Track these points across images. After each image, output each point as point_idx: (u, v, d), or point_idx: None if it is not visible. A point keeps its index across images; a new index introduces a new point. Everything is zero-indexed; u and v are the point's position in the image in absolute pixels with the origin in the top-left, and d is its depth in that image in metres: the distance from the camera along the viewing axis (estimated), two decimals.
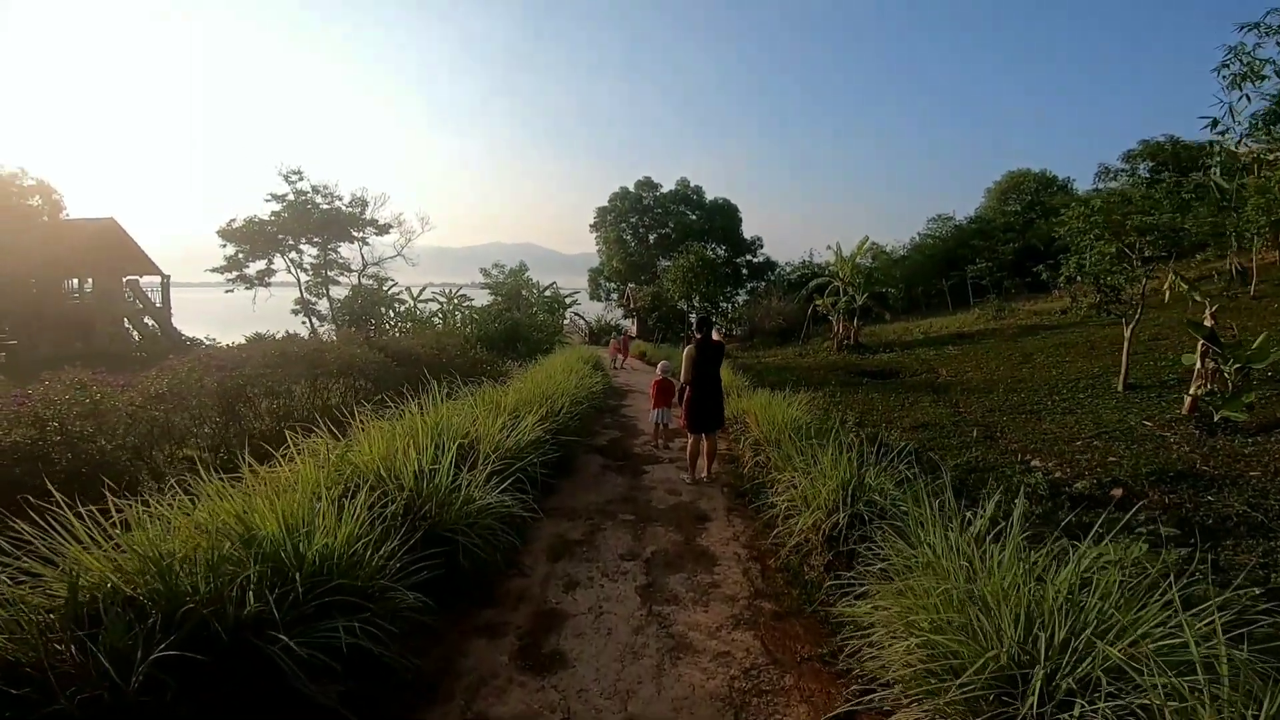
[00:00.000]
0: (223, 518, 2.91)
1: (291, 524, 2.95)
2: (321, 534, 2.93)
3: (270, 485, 3.37)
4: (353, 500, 3.26)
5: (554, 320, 33.40)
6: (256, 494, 3.11)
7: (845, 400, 11.88)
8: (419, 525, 3.61)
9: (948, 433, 9.12)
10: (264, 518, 2.93)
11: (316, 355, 8.03)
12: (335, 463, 3.89)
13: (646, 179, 47.72)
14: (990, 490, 6.12)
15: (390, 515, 3.43)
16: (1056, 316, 21.67)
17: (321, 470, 3.67)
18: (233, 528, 2.86)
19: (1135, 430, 8.47)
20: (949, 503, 3.67)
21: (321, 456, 4.01)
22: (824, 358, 20.73)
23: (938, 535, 3.43)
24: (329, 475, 3.70)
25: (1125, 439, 8.12)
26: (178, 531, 2.85)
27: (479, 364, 12.90)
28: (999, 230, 36.39)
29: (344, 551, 2.95)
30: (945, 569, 3.11)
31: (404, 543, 3.32)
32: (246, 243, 32.44)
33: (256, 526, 2.88)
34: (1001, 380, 13.35)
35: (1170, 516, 5.28)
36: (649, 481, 6.83)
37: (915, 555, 3.45)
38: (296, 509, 3.05)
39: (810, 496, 4.55)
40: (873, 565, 3.70)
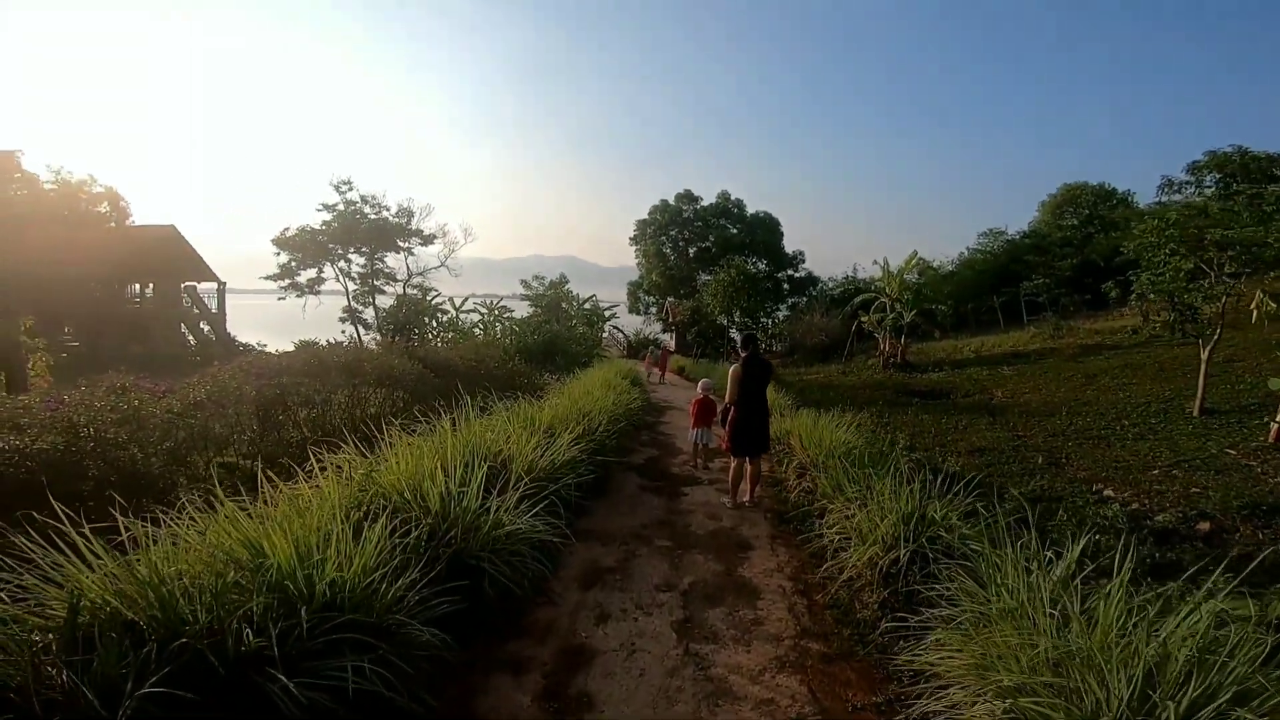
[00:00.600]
0: (229, 544, 2.72)
1: (304, 551, 2.74)
2: (334, 565, 2.71)
3: (291, 505, 3.19)
4: (373, 526, 3.04)
5: (593, 333, 33.37)
6: (271, 517, 2.90)
7: (894, 421, 11.34)
8: (441, 553, 3.37)
9: (1008, 458, 8.56)
10: (276, 544, 2.72)
11: (355, 364, 7.98)
12: (359, 482, 3.70)
13: (686, 192, 47.52)
14: (1061, 523, 5.66)
15: (413, 542, 3.21)
16: (1120, 336, 20.56)
17: (344, 490, 3.48)
18: (241, 554, 2.68)
19: (1218, 459, 7.79)
20: (1031, 542, 3.27)
21: (346, 475, 3.83)
22: (869, 376, 20.07)
23: (1018, 578, 3.04)
24: (351, 496, 3.51)
25: (1207, 468, 7.47)
26: (184, 554, 2.67)
27: (516, 376, 12.80)
28: (1055, 245, 34.94)
29: (358, 583, 2.73)
30: (1031, 618, 2.73)
31: (426, 572, 3.09)
32: (299, 251, 33.39)
33: (267, 553, 2.68)
34: (1064, 403, 12.61)
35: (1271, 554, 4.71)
36: (687, 504, 6.50)
37: (992, 600, 3.07)
38: (312, 534, 2.84)
39: (866, 530, 4.17)
40: (939, 608, 3.32)
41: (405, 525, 3.36)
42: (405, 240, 35.38)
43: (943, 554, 3.79)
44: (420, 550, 3.23)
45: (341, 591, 2.66)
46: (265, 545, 2.69)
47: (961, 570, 3.42)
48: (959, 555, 3.65)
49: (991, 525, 3.54)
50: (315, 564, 2.67)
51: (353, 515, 3.27)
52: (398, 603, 2.85)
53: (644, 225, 48.12)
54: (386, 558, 2.95)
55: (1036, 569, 3.14)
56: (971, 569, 3.41)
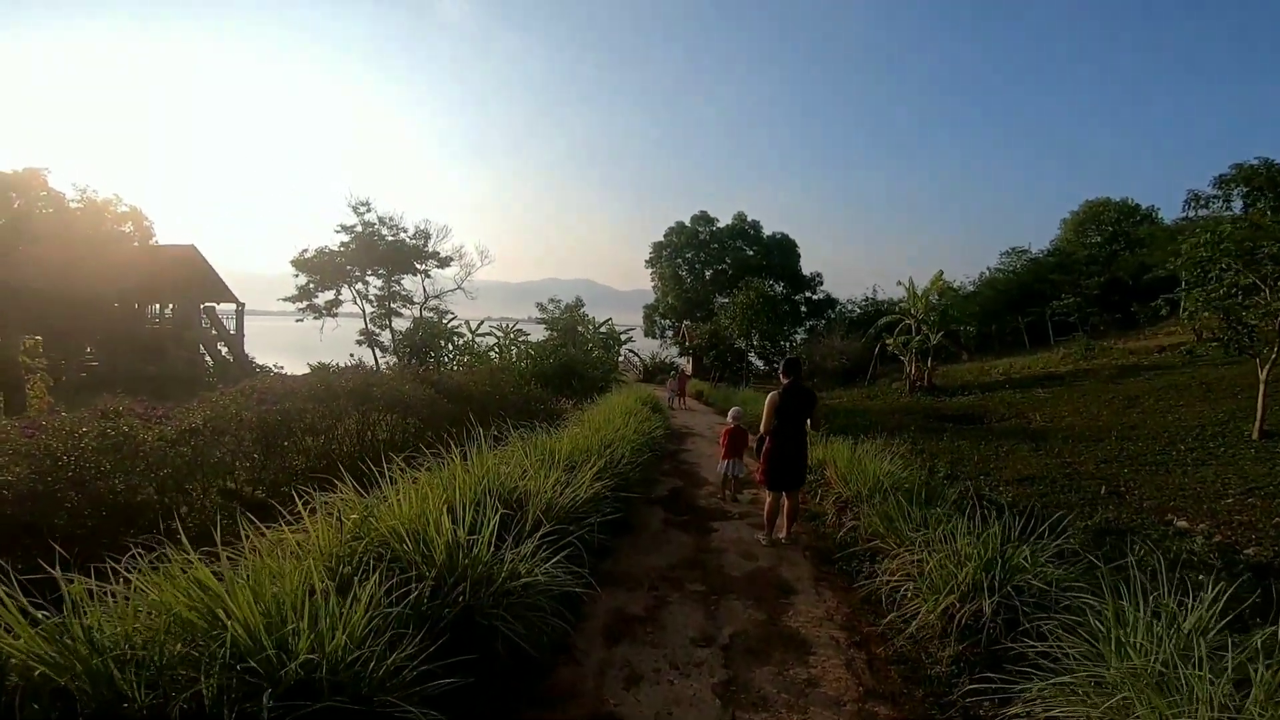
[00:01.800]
0: (180, 606, 2.25)
1: (276, 618, 2.27)
2: (308, 639, 2.23)
3: (271, 555, 2.74)
4: (365, 584, 2.56)
5: (609, 357, 32.96)
6: (236, 575, 2.42)
7: (929, 448, 10.73)
8: (446, 613, 2.88)
9: (1061, 487, 7.95)
10: (241, 608, 2.25)
11: (364, 390, 7.58)
12: (352, 528, 3.24)
13: (703, 213, 47.34)
14: (1139, 557, 5.09)
15: (414, 601, 2.73)
16: (1159, 356, 19.78)
17: (334, 538, 3.02)
18: (195, 620, 2.22)
19: None
20: (1160, 593, 2.75)
21: (336, 518, 3.36)
22: (895, 400, 19.42)
23: (1147, 634, 2.53)
24: (342, 545, 3.05)
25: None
26: (132, 614, 2.22)
27: (533, 402, 12.35)
28: (1081, 263, 34.17)
29: (341, 659, 2.25)
30: (1183, 683, 2.21)
31: (428, 633, 2.61)
32: (317, 273, 33.48)
33: (228, 618, 2.21)
34: (1109, 427, 11.93)
35: None
36: (719, 541, 5.96)
37: (1111, 658, 2.55)
38: (288, 596, 2.37)
39: (939, 577, 3.64)
40: (1039, 668, 2.79)
41: (406, 580, 2.88)
42: (422, 262, 35.42)
43: (1034, 604, 3.26)
44: (422, 611, 2.75)
45: (320, 668, 2.18)
46: (222, 611, 2.21)
47: (1063, 622, 2.91)
48: (1056, 605, 3.12)
49: (1101, 573, 3.03)
50: (288, 634, 2.20)
51: (342, 569, 2.81)
52: (393, 676, 2.36)
53: (660, 248, 47.92)
54: (380, 623, 2.47)
55: (1162, 622, 2.63)
56: (1077, 622, 2.90)
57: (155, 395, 8.76)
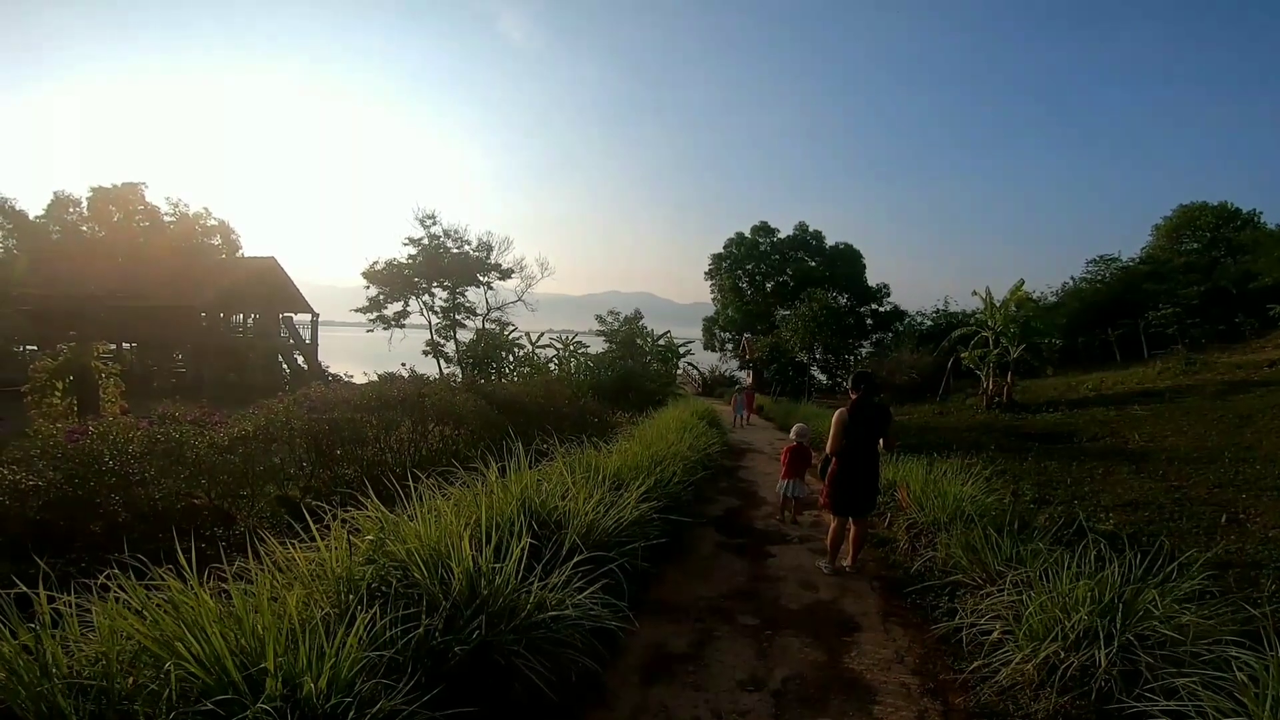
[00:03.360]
0: (138, 637, 2.02)
1: (253, 653, 2.02)
2: (280, 677, 1.97)
3: (265, 579, 2.52)
4: (366, 614, 2.29)
5: (668, 370, 32.62)
6: (202, 608, 2.16)
7: (1011, 469, 9.84)
8: (454, 650, 2.57)
9: (1171, 514, 7.06)
10: (213, 639, 2.01)
11: (415, 400, 7.51)
12: (365, 550, 2.99)
13: (763, 224, 46.48)
14: (1270, 591, 4.34)
15: (422, 635, 2.45)
16: (1268, 370, 17.89)
17: (344, 562, 2.77)
18: (157, 649, 1.99)
19: None
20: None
21: (358, 539, 3.13)
22: (970, 417, 18.20)
23: None
24: (354, 569, 2.80)
25: None
26: (103, 640, 2.02)
27: (587, 414, 12.13)
28: (1178, 272, 31.52)
29: (321, 701, 1.97)
30: None
31: (434, 673, 2.31)
32: (386, 285, 34.64)
33: (189, 650, 1.96)
34: (1220, 448, 10.69)
35: None
36: (776, 569, 5.48)
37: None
38: (272, 626, 2.12)
39: (1038, 622, 3.09)
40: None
41: (419, 611, 2.60)
42: (485, 274, 36.11)
43: (1162, 656, 2.71)
44: (432, 646, 2.46)
45: (289, 715, 1.91)
46: (180, 644, 1.96)
47: (1201, 678, 2.37)
48: (1190, 657, 2.57)
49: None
50: (265, 672, 1.95)
51: (347, 597, 2.56)
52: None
53: (719, 259, 47.32)
54: (375, 661, 2.18)
55: None
56: (1220, 677, 2.36)
57: (236, 402, 9.04)
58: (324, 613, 2.30)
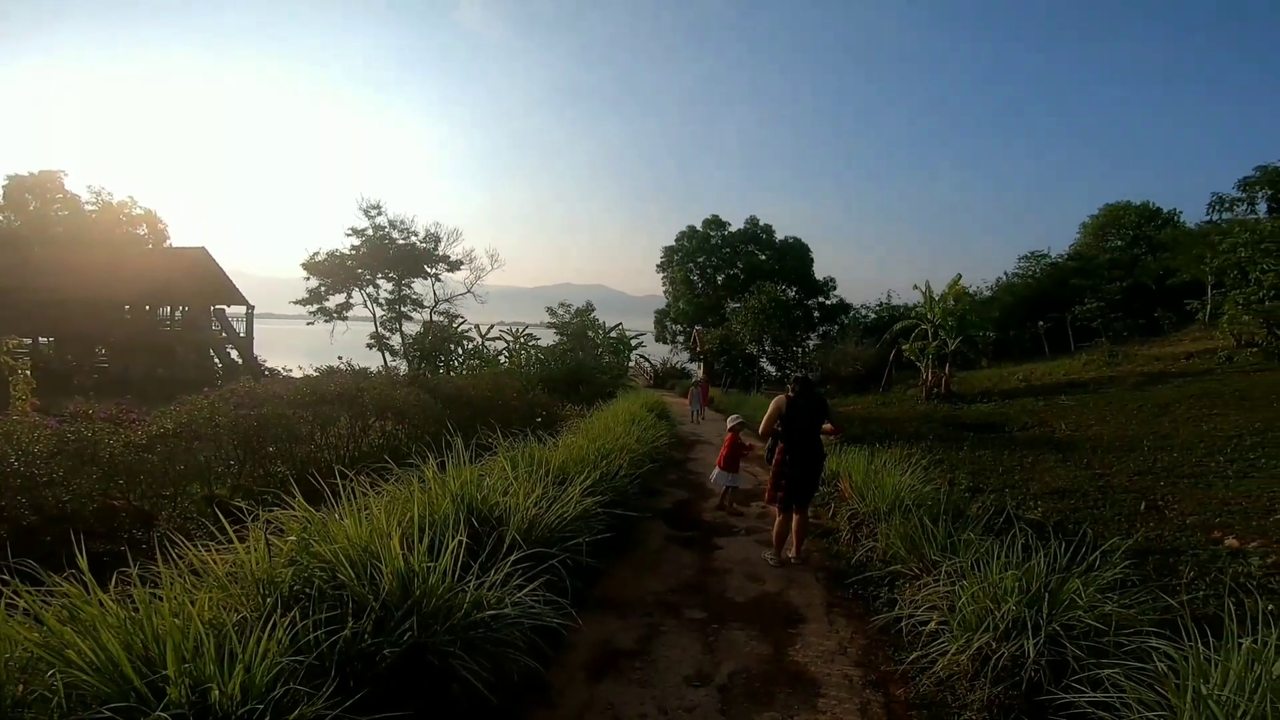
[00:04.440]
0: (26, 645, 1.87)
1: (153, 659, 1.89)
2: (183, 684, 1.84)
3: (176, 583, 2.35)
4: (288, 614, 2.17)
5: (619, 362, 32.58)
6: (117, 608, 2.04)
7: (948, 458, 10.20)
8: (384, 653, 2.46)
9: (1095, 501, 7.42)
10: (108, 646, 1.87)
11: (353, 394, 7.23)
12: (288, 550, 2.84)
13: (714, 218, 46.84)
14: (1188, 579, 4.59)
15: (350, 638, 2.33)
16: (1184, 362, 19.05)
17: (262, 564, 2.62)
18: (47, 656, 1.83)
19: None
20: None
21: (278, 539, 2.97)
22: (911, 407, 18.80)
23: (1235, 689, 2.08)
24: (273, 571, 2.65)
25: None
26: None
27: (536, 408, 11.96)
28: (1103, 268, 33.28)
29: (232, 708, 1.85)
30: None
31: (362, 677, 2.21)
32: (328, 276, 33.40)
33: (83, 660, 1.81)
34: (1140, 437, 11.32)
35: None
36: (723, 561, 5.51)
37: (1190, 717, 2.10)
38: (175, 631, 1.98)
39: (971, 612, 3.17)
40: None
41: (345, 613, 2.48)
42: (432, 266, 35.22)
43: (1085, 644, 2.81)
44: (362, 649, 2.35)
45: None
46: (74, 651, 1.81)
47: (1125, 665, 2.46)
48: (1114, 648, 2.67)
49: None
50: (168, 679, 1.81)
51: (266, 601, 2.42)
52: None
53: (671, 252, 47.48)
54: (292, 666, 2.07)
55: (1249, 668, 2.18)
56: (1142, 668, 2.45)
57: (165, 398, 8.55)
58: (240, 617, 2.18)
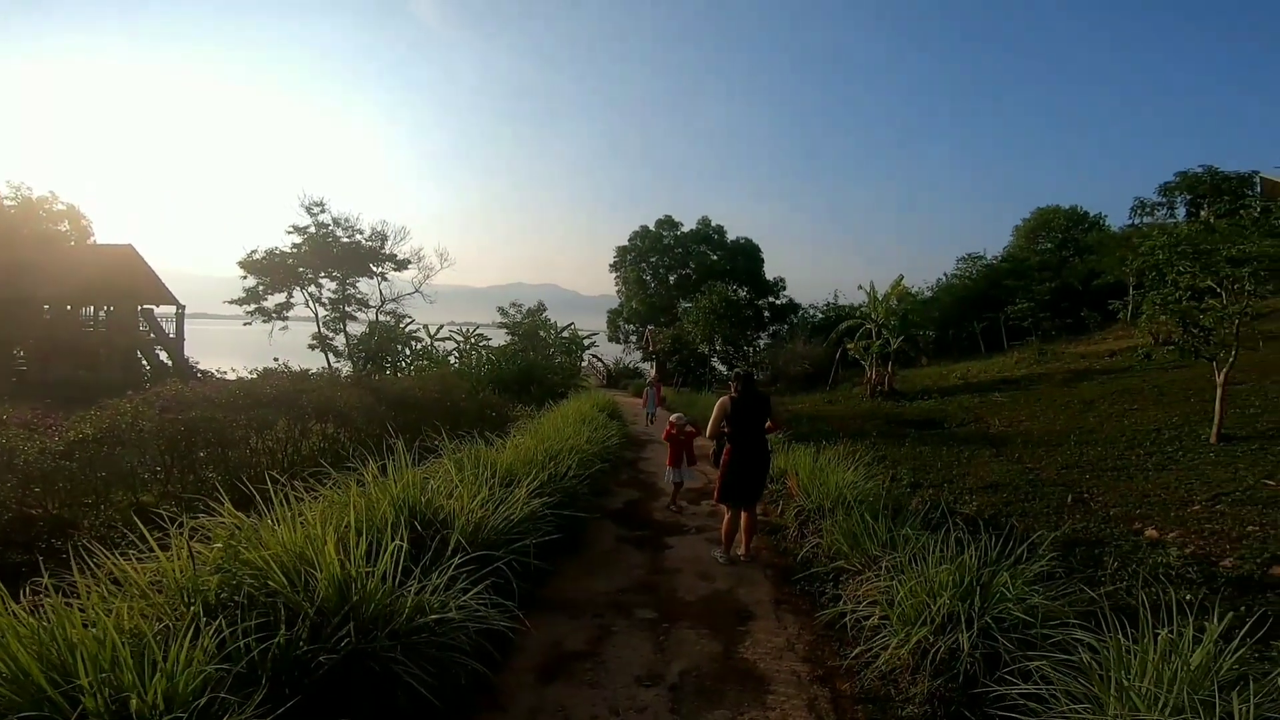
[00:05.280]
0: None
1: (65, 670, 1.79)
2: (101, 695, 1.76)
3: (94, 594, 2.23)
4: (214, 622, 2.09)
5: (571, 362, 32.41)
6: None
7: (891, 454, 10.51)
8: (320, 660, 2.38)
9: (1026, 495, 7.75)
10: (26, 659, 1.77)
11: (291, 396, 6.96)
12: (215, 557, 2.72)
13: (667, 218, 47.15)
14: (1111, 571, 4.84)
15: (283, 645, 2.26)
16: (1108, 359, 20.15)
17: (187, 573, 2.51)
18: None
19: (1258, 491, 7.05)
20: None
21: (204, 546, 2.84)
22: (857, 405, 19.32)
23: (1153, 679, 2.19)
24: (199, 579, 2.54)
25: (1252, 502, 6.70)
26: None
27: (486, 409, 11.79)
28: (1033, 269, 34.92)
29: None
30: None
31: (297, 685, 2.14)
32: (266, 275, 32.08)
33: None
34: (1067, 431, 11.89)
35: None
36: (674, 560, 5.54)
37: (1116, 708, 2.21)
38: (90, 642, 1.89)
39: (909, 607, 3.27)
40: (1025, 710, 2.45)
41: (277, 620, 2.40)
42: (379, 265, 34.23)
43: (1015, 636, 2.92)
44: (297, 656, 2.28)
45: None
46: None
47: (1051, 657, 2.57)
48: (1041, 639, 2.78)
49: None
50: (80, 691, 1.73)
51: (190, 609, 2.32)
52: None
53: (624, 252, 47.56)
54: (224, 674, 2.00)
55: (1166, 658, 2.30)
56: (1068, 660, 2.56)
57: (89, 403, 8.07)
58: (163, 625, 2.10)
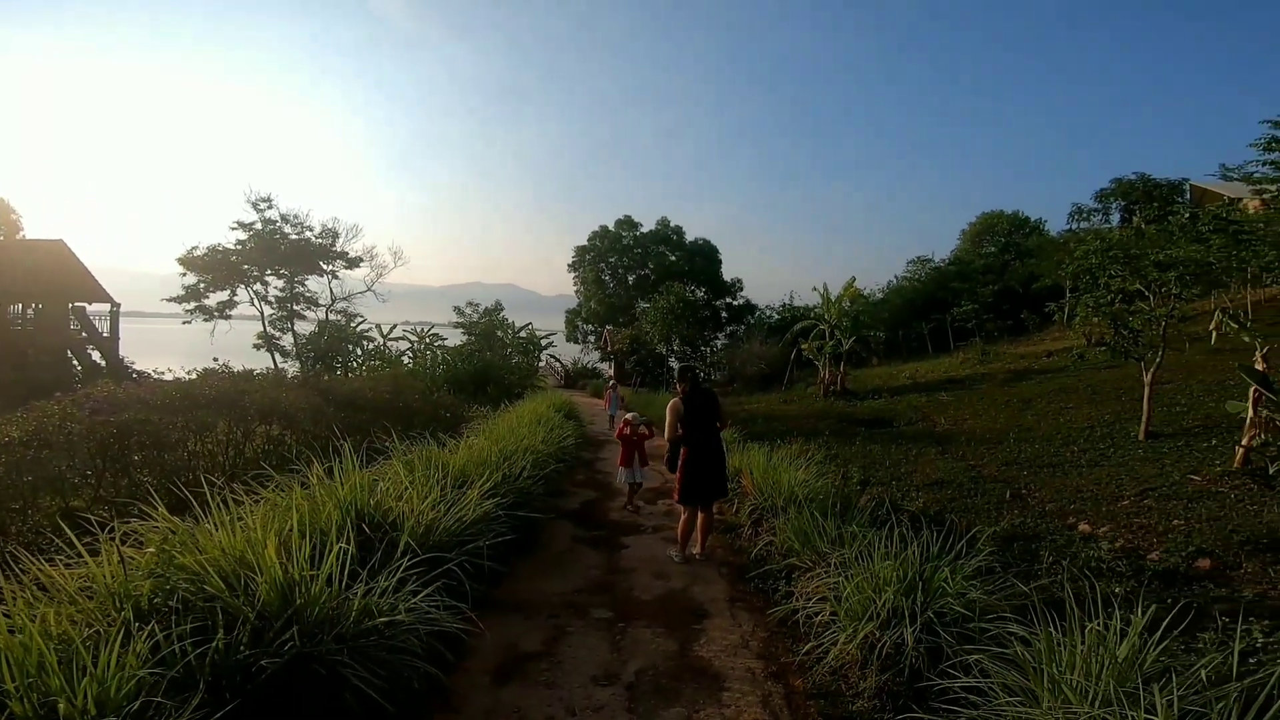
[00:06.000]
0: None
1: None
2: (18, 700, 1.70)
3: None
4: (147, 628, 2.03)
5: (529, 362, 32.13)
6: None
7: (843, 453, 10.77)
8: (262, 664, 2.31)
9: (968, 491, 8.04)
10: None
11: (233, 397, 6.71)
12: (149, 562, 2.61)
13: (626, 218, 47.21)
14: (1047, 564, 5.06)
15: (222, 650, 2.20)
16: (1046, 360, 21.05)
17: (118, 580, 2.41)
18: None
19: (1183, 486, 7.47)
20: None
21: (137, 551, 2.73)
22: (811, 404, 19.70)
23: (1081, 671, 2.30)
24: (131, 585, 2.45)
25: (1177, 497, 7.10)
26: None
27: (440, 410, 11.57)
28: (978, 272, 36.22)
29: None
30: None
31: (239, 690, 2.08)
32: (208, 272, 30.80)
33: None
34: (1007, 429, 12.37)
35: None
36: (630, 560, 5.55)
37: (1044, 696, 2.31)
38: (15, 648, 1.81)
39: (856, 602, 3.35)
40: (966, 703, 2.54)
41: (215, 625, 2.33)
42: (329, 262, 33.25)
43: (955, 630, 3.02)
44: (238, 661, 2.22)
45: None
46: None
47: (988, 650, 2.67)
48: (980, 634, 2.89)
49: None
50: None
51: (122, 615, 2.24)
52: None
53: (583, 252, 47.42)
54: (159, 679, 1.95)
55: (1095, 650, 2.42)
56: (1003, 653, 2.66)
57: (17, 403, 7.60)
58: (92, 631, 2.04)
